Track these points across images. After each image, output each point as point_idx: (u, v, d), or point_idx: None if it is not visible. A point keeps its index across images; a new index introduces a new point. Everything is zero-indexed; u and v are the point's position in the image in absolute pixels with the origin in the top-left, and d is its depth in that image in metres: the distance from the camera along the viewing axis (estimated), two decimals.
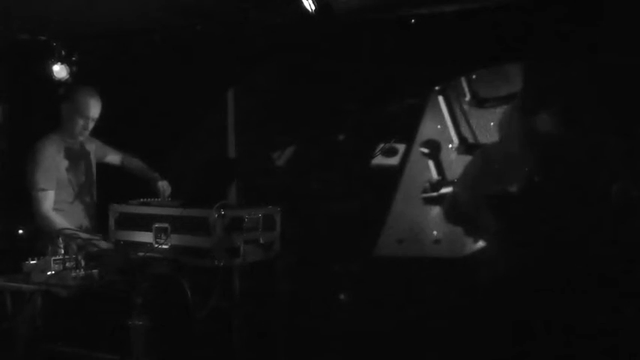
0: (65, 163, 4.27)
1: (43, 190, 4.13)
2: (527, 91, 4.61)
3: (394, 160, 5.13)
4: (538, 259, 4.45)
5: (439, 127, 5.01)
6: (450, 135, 4.96)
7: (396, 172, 5.12)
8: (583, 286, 4.25)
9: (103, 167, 4.64)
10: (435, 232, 4.98)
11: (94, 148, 4.53)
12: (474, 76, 4.85)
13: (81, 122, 4.24)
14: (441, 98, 4.98)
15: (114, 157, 4.68)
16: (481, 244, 4.80)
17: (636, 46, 4.11)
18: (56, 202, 4.18)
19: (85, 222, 4.32)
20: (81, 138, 4.35)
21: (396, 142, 5.11)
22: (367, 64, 4.86)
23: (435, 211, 4.98)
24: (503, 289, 4.52)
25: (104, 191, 4.49)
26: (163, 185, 4.44)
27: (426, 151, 5.05)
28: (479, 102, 4.88)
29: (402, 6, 4.48)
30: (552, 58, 4.47)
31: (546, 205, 4.50)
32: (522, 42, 4.48)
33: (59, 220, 4.06)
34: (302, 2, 3.94)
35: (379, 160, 5.17)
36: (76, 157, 4.35)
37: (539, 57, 4.53)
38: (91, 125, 4.29)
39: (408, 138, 5.08)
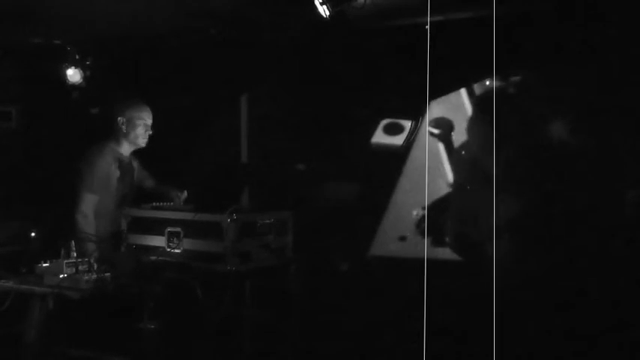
0: (117, 173, 4.44)
1: (90, 192, 4.32)
2: (539, 98, 4.57)
3: (398, 140, 4.59)
4: (552, 266, 4.42)
5: (453, 101, 4.33)
6: (466, 111, 4.32)
7: (400, 154, 4.59)
8: (598, 292, 4.22)
9: None
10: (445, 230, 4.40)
11: (136, 166, 4.69)
12: None
13: (143, 129, 4.48)
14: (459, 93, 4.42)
15: (149, 182, 4.80)
16: (495, 244, 4.55)
17: None
18: (101, 207, 4.36)
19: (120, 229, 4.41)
20: (142, 144, 4.53)
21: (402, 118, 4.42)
22: (381, 70, 4.86)
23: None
24: (519, 297, 4.44)
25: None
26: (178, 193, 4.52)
27: (436, 131, 4.38)
28: (506, 99, 4.23)
29: (416, 12, 4.47)
30: (565, 65, 4.44)
31: (559, 213, 4.46)
32: (534, 48, 4.46)
33: (83, 225, 4.23)
34: (316, 8, 3.94)
35: (380, 138, 4.57)
36: (124, 169, 4.52)
37: (550, 63, 4.51)
38: (150, 130, 4.53)
39: (415, 114, 4.45)
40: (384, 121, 4.69)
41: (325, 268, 4.75)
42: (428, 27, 4.50)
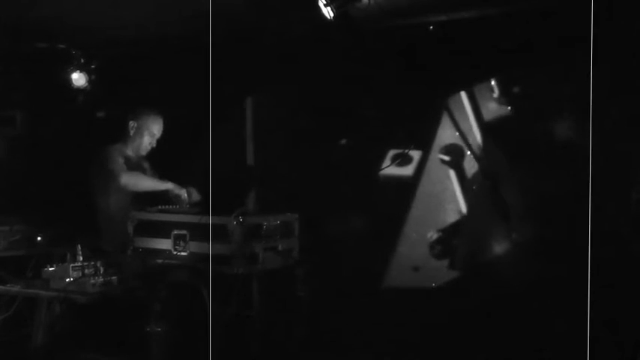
0: (124, 168, 4.43)
1: (121, 171, 4.31)
2: (545, 98, 4.55)
3: (408, 170, 4.65)
4: (555, 267, 4.41)
5: (462, 129, 4.40)
6: (475, 139, 4.39)
7: (411, 183, 4.65)
8: (601, 294, 4.21)
9: None
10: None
11: (147, 167, 4.73)
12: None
13: (148, 139, 4.59)
14: (463, 95, 4.43)
15: None
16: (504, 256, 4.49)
17: None
18: (114, 205, 4.40)
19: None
20: (143, 153, 4.63)
21: (412, 149, 4.55)
22: (386, 71, 4.84)
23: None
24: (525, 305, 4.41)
25: None
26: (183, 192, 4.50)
27: (446, 158, 4.44)
28: (511, 99, 4.25)
29: (420, 12, 4.46)
30: (571, 63, 4.42)
31: (564, 213, 4.45)
32: (541, 47, 4.45)
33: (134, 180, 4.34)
34: (321, 10, 3.94)
35: (390, 170, 4.63)
36: (133, 167, 4.52)
37: (557, 62, 4.49)
38: (154, 143, 4.63)
39: (424, 143, 4.51)
40: (391, 152, 4.73)
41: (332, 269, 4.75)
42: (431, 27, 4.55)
